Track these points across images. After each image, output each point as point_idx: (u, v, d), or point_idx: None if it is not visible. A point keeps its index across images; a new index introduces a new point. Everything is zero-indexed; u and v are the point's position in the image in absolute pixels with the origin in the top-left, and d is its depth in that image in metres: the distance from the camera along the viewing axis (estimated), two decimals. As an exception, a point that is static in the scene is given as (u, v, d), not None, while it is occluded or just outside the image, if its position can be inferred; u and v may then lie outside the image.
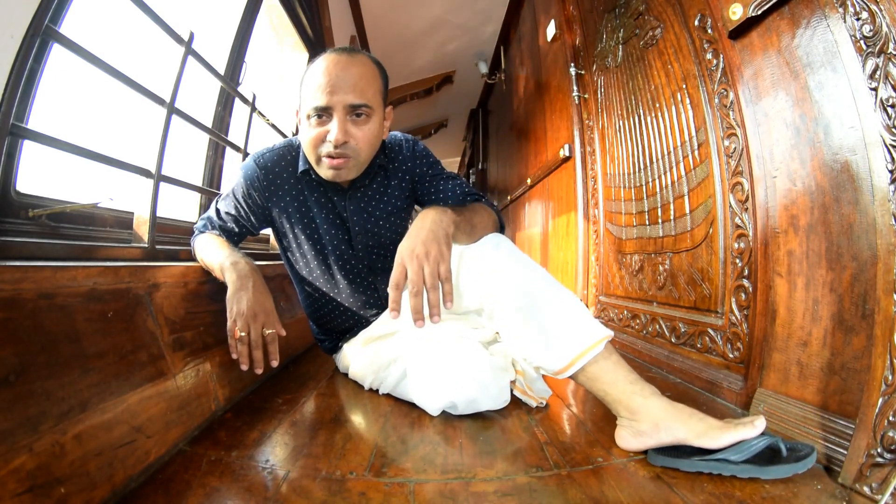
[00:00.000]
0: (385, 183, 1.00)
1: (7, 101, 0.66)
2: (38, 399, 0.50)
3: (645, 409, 0.69)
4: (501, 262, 0.79)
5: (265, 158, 0.96)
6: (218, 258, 0.88)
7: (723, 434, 0.63)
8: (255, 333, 0.78)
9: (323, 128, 0.84)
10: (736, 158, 0.98)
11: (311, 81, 0.84)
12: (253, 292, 0.79)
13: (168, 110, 0.99)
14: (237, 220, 0.98)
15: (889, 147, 0.61)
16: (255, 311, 0.78)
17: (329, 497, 0.59)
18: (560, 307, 0.76)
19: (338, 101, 0.82)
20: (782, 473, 0.61)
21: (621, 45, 1.55)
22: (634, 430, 0.70)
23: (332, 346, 1.12)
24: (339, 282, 1.01)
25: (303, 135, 0.88)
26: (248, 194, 0.95)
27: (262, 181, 0.95)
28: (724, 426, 0.65)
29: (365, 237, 0.98)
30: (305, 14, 2.03)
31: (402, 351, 0.93)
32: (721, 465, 0.62)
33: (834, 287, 0.73)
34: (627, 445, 0.71)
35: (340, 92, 0.82)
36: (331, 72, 0.82)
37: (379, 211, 0.99)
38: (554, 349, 0.74)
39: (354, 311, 1.03)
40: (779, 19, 0.82)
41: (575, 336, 0.73)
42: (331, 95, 0.81)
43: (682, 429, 0.66)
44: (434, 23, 3.20)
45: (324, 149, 0.85)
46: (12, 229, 0.73)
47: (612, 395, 0.72)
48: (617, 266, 1.60)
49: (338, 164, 0.85)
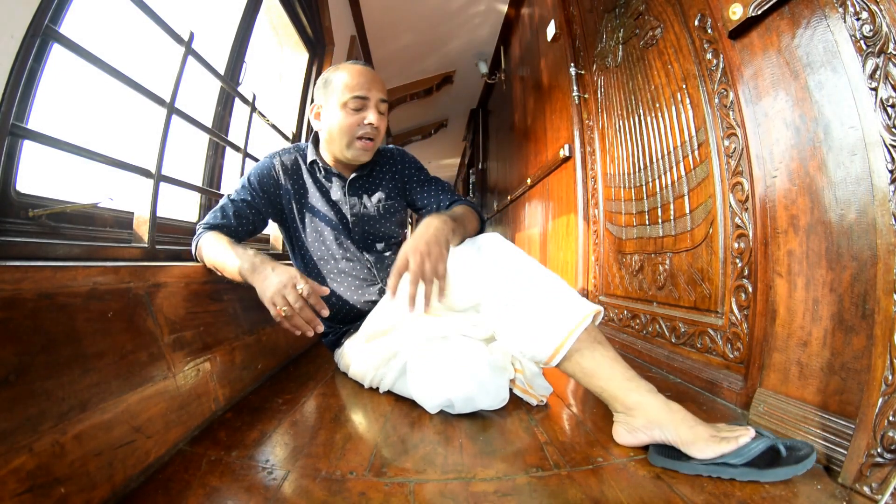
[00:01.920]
0: (379, 178, 1.16)
1: (7, 101, 0.66)
2: (38, 399, 0.50)
3: (641, 405, 0.71)
4: (487, 261, 0.85)
5: (280, 155, 1.13)
6: (232, 260, 0.89)
7: (709, 447, 0.64)
8: (294, 297, 0.79)
9: (360, 113, 1.02)
10: (736, 158, 0.98)
11: (348, 79, 1.01)
12: (275, 273, 0.83)
13: (168, 110, 0.99)
14: (251, 206, 1.06)
15: (889, 147, 0.61)
16: (284, 283, 0.81)
17: (329, 497, 0.59)
18: (543, 293, 0.80)
19: (374, 94, 1.02)
20: (782, 476, 0.61)
21: (621, 45, 1.55)
22: (630, 425, 0.72)
23: (336, 339, 1.14)
24: (339, 261, 1.11)
25: (337, 120, 1.03)
26: (263, 181, 1.08)
27: (276, 170, 1.10)
28: (710, 439, 0.65)
29: (360, 222, 1.12)
30: (305, 14, 2.03)
31: (402, 345, 0.94)
32: (721, 468, 0.62)
33: (834, 287, 0.73)
34: (622, 440, 0.74)
35: (374, 88, 1.02)
36: (364, 74, 1.03)
37: (373, 200, 1.14)
38: (541, 336, 0.77)
39: (354, 292, 1.10)
40: (779, 19, 0.82)
41: (559, 318, 0.76)
42: (368, 90, 1.01)
43: (674, 432, 0.67)
44: (434, 23, 3.20)
45: (360, 130, 1.03)
46: (12, 229, 0.73)
47: (609, 390, 0.75)
48: (617, 266, 1.60)
49: (369, 145, 1.05)
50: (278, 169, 1.10)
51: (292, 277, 0.81)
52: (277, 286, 0.80)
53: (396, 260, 0.80)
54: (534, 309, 0.78)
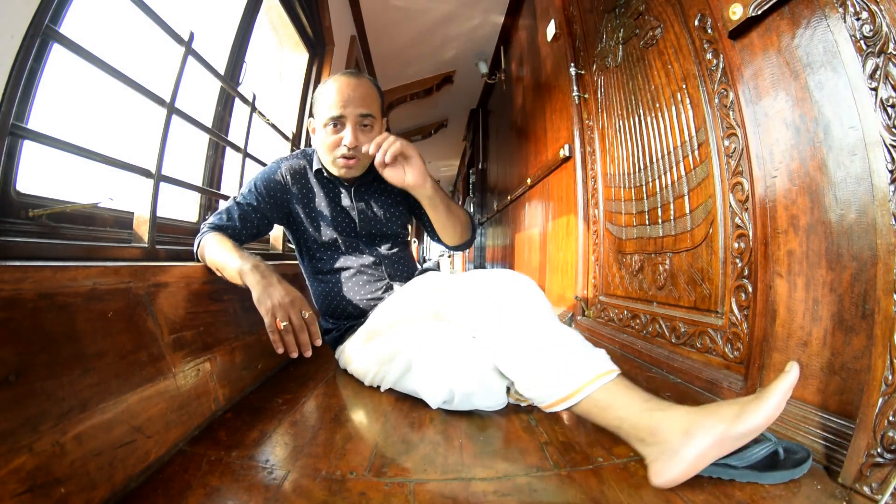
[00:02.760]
0: (385, 182, 1.09)
1: (7, 101, 0.66)
2: (38, 399, 0.50)
3: (668, 420, 0.60)
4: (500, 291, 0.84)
5: (286, 161, 1.14)
6: (233, 261, 0.90)
7: (760, 406, 0.56)
8: (296, 317, 0.80)
9: (338, 135, 1.01)
10: (736, 158, 0.98)
11: (327, 97, 1.01)
12: (280, 286, 0.84)
13: (168, 110, 0.99)
14: (257, 210, 1.07)
15: (889, 147, 0.61)
16: (290, 299, 0.82)
17: (329, 497, 0.59)
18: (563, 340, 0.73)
19: (350, 112, 1.00)
20: (779, 479, 0.61)
21: (621, 45, 1.55)
22: (666, 452, 0.58)
23: (339, 335, 1.15)
24: (348, 259, 1.13)
25: (319, 141, 1.05)
26: (270, 186, 1.09)
27: (283, 175, 1.11)
28: (754, 399, 0.58)
29: (367, 224, 1.14)
30: (305, 14, 2.03)
31: (406, 344, 0.94)
32: (722, 469, 0.61)
33: (834, 287, 0.73)
34: (670, 476, 0.58)
35: (351, 105, 0.99)
36: (343, 90, 1.00)
37: (380, 203, 1.16)
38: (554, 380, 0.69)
39: (361, 288, 1.12)
40: (779, 19, 0.82)
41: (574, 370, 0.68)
42: (344, 108, 0.99)
43: (718, 422, 0.57)
44: (434, 23, 3.21)
45: (338, 151, 1.02)
46: (12, 229, 0.73)
47: (630, 419, 0.63)
48: (617, 266, 1.60)
49: (349, 164, 1.04)
50: (285, 173, 1.10)
51: (299, 299, 0.82)
52: (283, 301, 0.81)
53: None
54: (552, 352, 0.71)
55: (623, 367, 0.72)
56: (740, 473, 0.61)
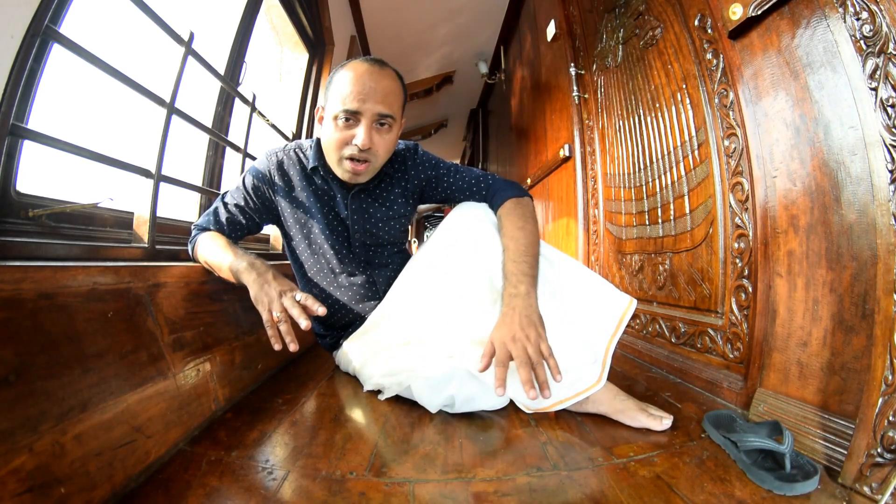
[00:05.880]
0: (388, 189, 1.04)
1: (7, 101, 0.66)
2: (38, 399, 0.50)
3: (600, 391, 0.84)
4: None
5: (276, 155, 1.02)
6: (228, 261, 0.88)
7: (636, 417, 0.81)
8: (290, 302, 0.77)
9: (350, 131, 0.88)
10: (736, 158, 0.98)
11: (343, 85, 0.88)
12: (275, 282, 0.82)
13: (168, 110, 0.99)
14: (244, 212, 1.00)
15: (889, 147, 0.61)
16: (284, 290, 0.79)
17: (329, 497, 0.59)
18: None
19: (368, 109, 0.87)
20: (785, 491, 0.59)
21: (621, 45, 1.55)
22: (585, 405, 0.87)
23: (333, 342, 1.13)
24: (339, 275, 1.04)
25: (327, 134, 0.92)
26: (257, 186, 1.00)
27: (271, 174, 1.00)
28: (639, 411, 0.82)
29: (363, 236, 1.03)
30: (305, 14, 2.03)
31: (416, 364, 0.92)
32: (726, 443, 0.72)
33: (834, 287, 0.73)
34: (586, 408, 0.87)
35: (371, 100, 0.86)
36: (364, 80, 0.87)
37: (380, 213, 1.03)
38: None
39: (354, 305, 1.05)
40: (779, 19, 0.82)
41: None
42: (362, 102, 0.86)
43: (608, 405, 0.84)
44: (434, 23, 3.20)
45: (347, 150, 0.90)
46: (12, 229, 0.73)
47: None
48: (617, 266, 1.60)
49: (358, 168, 0.91)
50: (274, 170, 1.00)
51: (293, 288, 0.81)
52: (278, 292, 0.79)
53: (496, 351, 0.73)
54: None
55: (623, 367, 0.75)
56: (738, 457, 0.67)
